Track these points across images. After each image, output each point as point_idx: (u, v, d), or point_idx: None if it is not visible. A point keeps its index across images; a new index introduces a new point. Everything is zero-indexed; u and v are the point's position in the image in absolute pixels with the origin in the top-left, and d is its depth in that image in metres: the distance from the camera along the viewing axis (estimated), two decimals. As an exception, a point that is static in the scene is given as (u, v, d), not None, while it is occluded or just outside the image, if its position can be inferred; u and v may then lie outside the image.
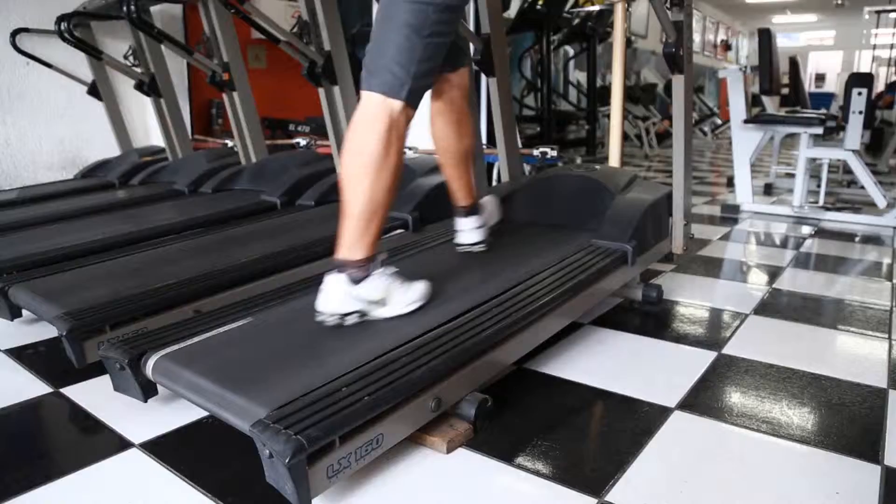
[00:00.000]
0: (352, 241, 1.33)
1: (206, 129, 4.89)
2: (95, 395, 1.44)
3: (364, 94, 1.36)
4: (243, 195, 2.98)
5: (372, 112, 1.33)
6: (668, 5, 1.91)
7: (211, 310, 1.52)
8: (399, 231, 2.30)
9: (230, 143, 3.86)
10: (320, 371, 1.14)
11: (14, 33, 3.87)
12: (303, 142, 3.98)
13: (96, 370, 1.47)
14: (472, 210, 1.84)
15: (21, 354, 1.69)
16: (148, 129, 4.54)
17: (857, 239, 3.15)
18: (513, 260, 1.75)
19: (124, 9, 3.02)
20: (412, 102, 1.35)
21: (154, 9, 3.90)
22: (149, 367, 1.23)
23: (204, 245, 2.19)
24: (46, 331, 1.80)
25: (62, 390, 1.47)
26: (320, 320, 1.35)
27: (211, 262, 1.92)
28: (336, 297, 1.34)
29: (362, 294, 1.34)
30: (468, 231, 1.85)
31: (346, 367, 1.15)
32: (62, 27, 3.59)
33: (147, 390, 1.28)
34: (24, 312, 1.79)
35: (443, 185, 2.37)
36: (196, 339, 1.31)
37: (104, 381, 1.40)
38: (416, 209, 2.32)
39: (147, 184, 3.54)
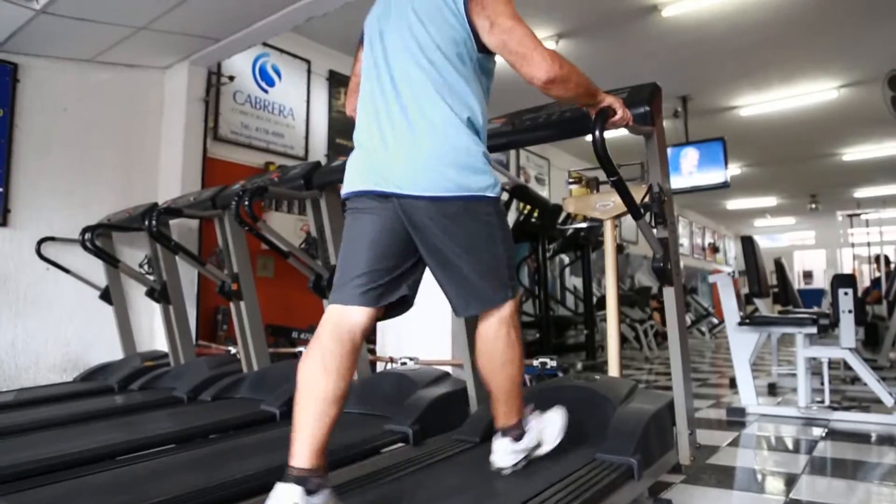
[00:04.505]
0: (507, 412, 1.70)
1: (210, 335, 4.93)
2: None
3: (491, 311, 1.65)
4: (243, 404, 2.92)
5: (509, 316, 1.65)
6: (652, 224, 2.04)
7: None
8: (399, 445, 2.24)
9: (233, 350, 3.89)
10: None
11: (40, 242, 4.05)
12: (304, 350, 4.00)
13: None
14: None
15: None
16: (153, 333, 4.59)
17: (872, 440, 3.06)
18: (515, 478, 1.70)
19: (146, 223, 3.25)
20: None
21: (172, 221, 4.16)
22: None
23: (198, 458, 2.13)
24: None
25: None
26: (499, 468, 1.71)
27: (205, 477, 1.85)
28: (506, 456, 1.71)
29: (524, 446, 1.71)
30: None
31: None
32: (85, 237, 3.81)
33: None
34: (-1, 533, 1.70)
35: (444, 397, 2.35)
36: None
37: None
38: (417, 422, 2.28)
39: (146, 389, 3.51)
